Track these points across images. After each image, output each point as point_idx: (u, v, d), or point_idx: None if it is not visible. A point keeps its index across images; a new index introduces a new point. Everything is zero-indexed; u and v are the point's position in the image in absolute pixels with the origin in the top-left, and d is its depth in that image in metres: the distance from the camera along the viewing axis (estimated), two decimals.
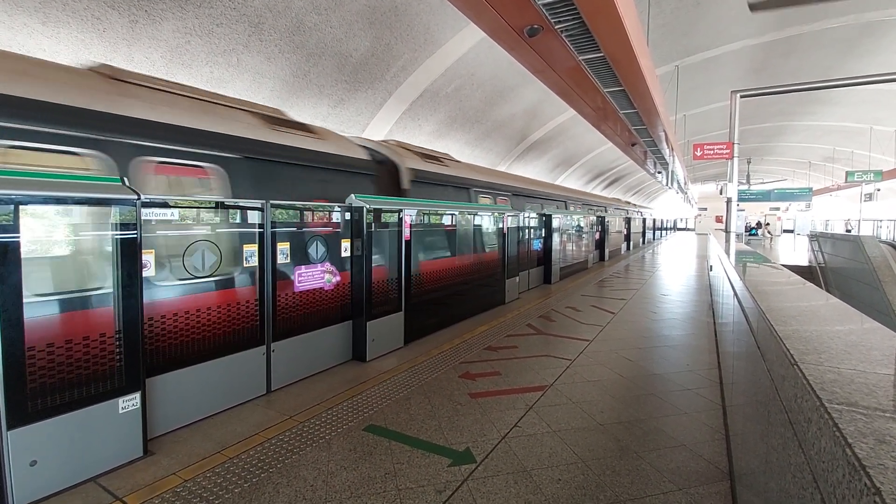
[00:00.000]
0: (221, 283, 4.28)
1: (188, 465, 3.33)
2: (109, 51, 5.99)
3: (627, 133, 10.27)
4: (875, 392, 1.09)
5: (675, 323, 7.97)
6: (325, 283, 5.30)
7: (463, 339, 6.62)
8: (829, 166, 29.85)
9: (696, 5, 10.28)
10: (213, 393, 4.18)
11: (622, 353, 6.10)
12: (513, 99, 12.91)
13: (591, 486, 3.09)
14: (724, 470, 3.28)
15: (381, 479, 3.15)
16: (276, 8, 6.68)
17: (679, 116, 17.30)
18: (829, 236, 15.52)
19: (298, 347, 5.00)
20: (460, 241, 8.03)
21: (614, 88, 6.85)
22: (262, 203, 4.55)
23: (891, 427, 0.90)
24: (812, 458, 1.08)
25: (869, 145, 21.90)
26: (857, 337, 1.63)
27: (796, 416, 1.27)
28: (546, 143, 17.53)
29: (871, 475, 0.74)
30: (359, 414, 4.16)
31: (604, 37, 4.85)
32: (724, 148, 9.88)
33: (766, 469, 1.81)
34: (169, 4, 5.84)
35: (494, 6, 4.18)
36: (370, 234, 5.67)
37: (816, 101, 18.99)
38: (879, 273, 10.50)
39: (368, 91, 9.43)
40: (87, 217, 3.20)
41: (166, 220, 3.85)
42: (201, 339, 4.10)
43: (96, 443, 3.20)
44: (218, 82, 7.35)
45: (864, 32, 11.68)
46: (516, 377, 5.14)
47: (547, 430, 3.87)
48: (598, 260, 18.45)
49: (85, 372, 3.17)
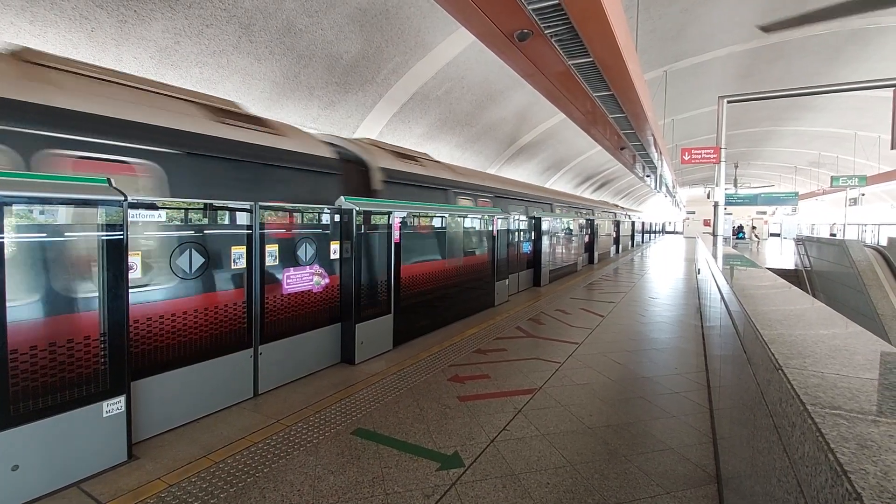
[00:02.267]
0: (208, 285, 4.24)
1: (173, 469, 3.29)
2: (98, 51, 5.93)
3: (616, 137, 10.33)
4: (858, 396, 1.10)
5: (663, 326, 8.02)
6: (313, 286, 5.27)
7: (452, 342, 6.61)
8: (815, 171, 30.28)
9: (684, 11, 10.39)
10: (200, 396, 4.13)
11: (611, 356, 6.13)
12: (503, 102, 12.95)
13: (580, 489, 3.09)
14: (711, 473, 3.30)
15: (369, 483, 3.13)
16: (267, 10, 6.65)
17: (668, 121, 17.45)
18: (814, 240, 15.71)
19: (286, 350, 4.96)
20: (450, 243, 8.02)
21: (603, 93, 6.90)
22: (250, 205, 4.52)
23: (872, 432, 0.91)
24: (796, 463, 1.09)
25: (854, 151, 22.26)
26: (840, 341, 1.65)
27: (781, 421, 1.28)
28: (536, 147, 17.60)
29: (853, 480, 0.74)
30: (347, 417, 4.14)
31: (593, 42, 4.88)
32: (711, 152, 9.98)
33: (752, 473, 1.82)
34: (158, 4, 5.79)
35: (485, 10, 4.19)
36: (359, 236, 5.65)
37: (802, 107, 19.25)
38: (864, 277, 10.65)
39: (359, 93, 9.42)
40: (72, 218, 3.15)
41: (153, 222, 3.80)
42: (188, 341, 4.06)
43: (80, 447, 3.15)
44: (208, 83, 7.29)
45: (849, 40, 11.86)
46: (505, 380, 5.14)
47: (536, 434, 3.87)
48: (588, 263, 18.53)
49: (69, 375, 3.12)
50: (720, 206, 10.47)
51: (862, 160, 23.21)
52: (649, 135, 10.26)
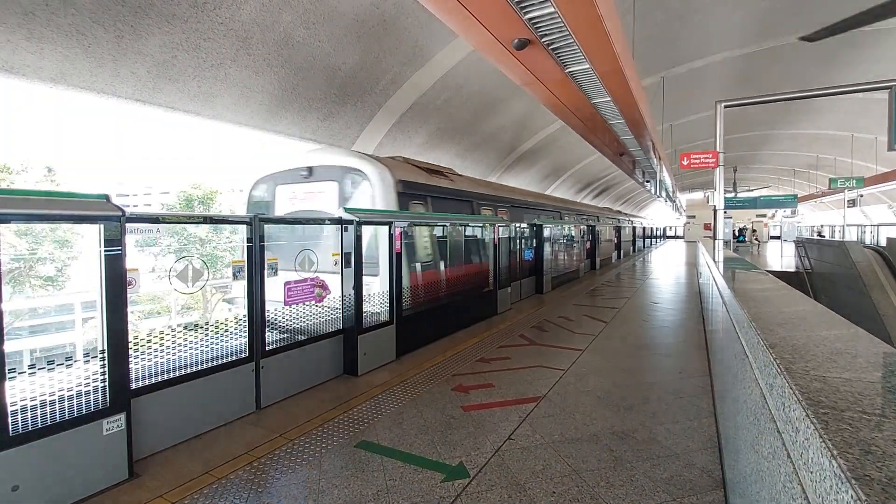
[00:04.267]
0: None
1: (175, 486, 3.27)
2: (95, 66, 5.96)
3: (616, 143, 10.35)
4: (861, 401, 1.09)
5: (666, 331, 7.99)
6: (315, 297, 5.27)
7: (455, 352, 6.59)
8: (813, 173, 30.26)
9: (680, 18, 10.45)
10: (202, 412, 4.11)
11: (615, 362, 6.10)
12: (502, 110, 13.00)
13: (586, 498, 3.07)
14: (717, 479, 3.27)
15: (374, 496, 3.11)
16: (265, 22, 6.70)
17: (666, 126, 17.48)
18: (815, 242, 15.68)
19: (288, 363, 4.94)
20: (451, 252, 8.03)
21: (602, 100, 6.92)
22: (250, 218, 4.52)
23: (876, 437, 0.90)
24: (800, 468, 1.08)
25: (851, 153, 22.24)
26: (842, 344, 1.64)
27: (785, 426, 1.28)
28: (536, 154, 17.64)
29: (857, 486, 0.73)
30: (350, 430, 4.12)
31: (590, 50, 4.90)
32: (710, 157, 9.97)
33: (757, 478, 1.80)
34: (155, 19, 5.83)
35: (482, 20, 4.21)
36: (360, 246, 5.65)
37: (799, 110, 19.29)
38: (866, 279, 10.62)
39: (358, 104, 9.46)
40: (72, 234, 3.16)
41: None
42: (189, 355, 4.05)
43: (80, 466, 3.13)
44: (206, 97, 7.33)
45: (843, 43, 11.90)
46: (509, 389, 5.11)
47: (541, 442, 3.85)
48: (590, 269, 18.50)
49: (68, 393, 3.11)
50: (720, 210, 10.46)
51: (859, 162, 23.19)
52: (648, 140, 10.27)
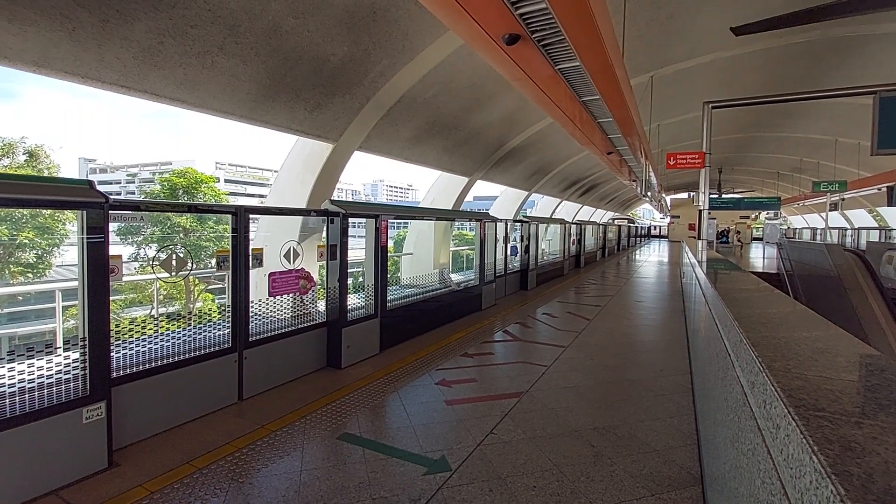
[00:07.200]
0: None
1: (155, 476, 3.22)
2: (79, 50, 5.81)
3: (603, 141, 10.40)
4: (841, 398, 1.11)
5: (648, 329, 8.08)
6: (299, 289, 5.22)
7: (439, 346, 6.59)
8: (797, 176, 30.75)
9: (670, 17, 10.51)
10: (183, 402, 4.06)
11: (597, 358, 6.15)
12: (490, 106, 12.97)
13: (566, 492, 3.09)
14: (695, 475, 3.31)
15: (355, 488, 3.10)
16: (253, 10, 6.59)
17: (653, 126, 17.60)
18: (796, 244, 15.94)
19: (271, 354, 4.90)
20: (437, 247, 8.01)
21: (590, 97, 6.94)
22: (235, 208, 4.47)
23: (856, 433, 0.91)
24: (780, 465, 1.09)
25: (834, 156, 22.63)
26: (823, 343, 1.66)
27: (765, 423, 1.29)
28: (523, 151, 17.65)
29: (837, 482, 0.74)
30: (333, 422, 4.10)
31: (581, 47, 4.91)
32: (696, 157, 10.09)
33: (736, 475, 1.83)
34: (141, 4, 5.70)
35: (472, 13, 4.19)
36: (346, 239, 5.62)
37: (784, 113, 19.56)
38: (845, 281, 10.83)
39: (346, 96, 9.36)
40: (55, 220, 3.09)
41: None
42: (171, 345, 4.00)
43: (58, 454, 3.08)
44: (192, 85, 7.20)
45: (829, 48, 12.09)
46: (492, 384, 5.13)
47: (522, 437, 3.87)
48: (575, 266, 18.63)
49: (47, 381, 3.05)
50: (704, 211, 10.58)
51: (842, 166, 23.61)
52: (636, 139, 10.35)
